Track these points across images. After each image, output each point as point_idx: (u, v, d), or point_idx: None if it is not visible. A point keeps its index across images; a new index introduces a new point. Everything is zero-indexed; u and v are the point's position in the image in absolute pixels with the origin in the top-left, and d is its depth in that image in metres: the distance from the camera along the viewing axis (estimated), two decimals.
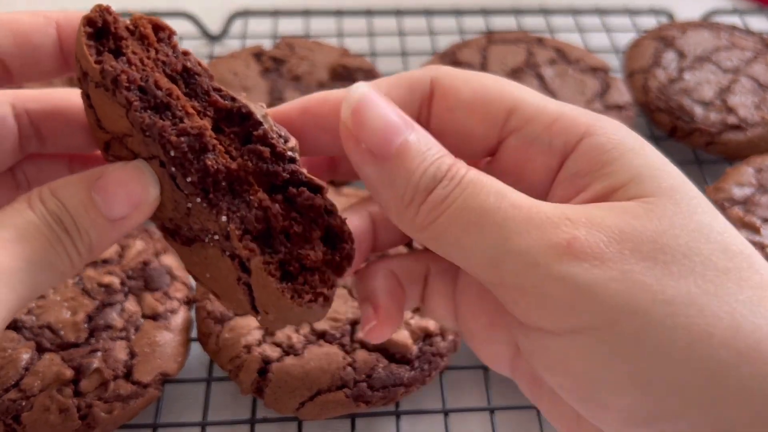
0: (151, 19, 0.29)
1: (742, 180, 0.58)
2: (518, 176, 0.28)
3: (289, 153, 0.27)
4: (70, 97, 0.30)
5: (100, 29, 0.27)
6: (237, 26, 0.80)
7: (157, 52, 0.27)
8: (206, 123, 0.26)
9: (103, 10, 0.27)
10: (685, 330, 0.21)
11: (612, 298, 0.21)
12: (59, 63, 0.29)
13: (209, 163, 0.25)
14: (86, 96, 0.27)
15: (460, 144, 0.28)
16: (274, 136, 0.27)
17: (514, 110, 0.28)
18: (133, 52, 0.27)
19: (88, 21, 0.26)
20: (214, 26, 0.79)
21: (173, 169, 0.26)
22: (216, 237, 0.26)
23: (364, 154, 0.25)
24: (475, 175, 0.25)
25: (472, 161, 0.28)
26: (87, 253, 0.26)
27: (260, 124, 0.27)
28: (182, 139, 0.25)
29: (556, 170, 0.27)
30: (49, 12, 0.28)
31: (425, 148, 0.25)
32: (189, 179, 0.25)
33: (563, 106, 0.28)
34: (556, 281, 0.22)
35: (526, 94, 0.28)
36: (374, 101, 0.25)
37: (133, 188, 0.26)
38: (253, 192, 0.26)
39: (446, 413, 0.46)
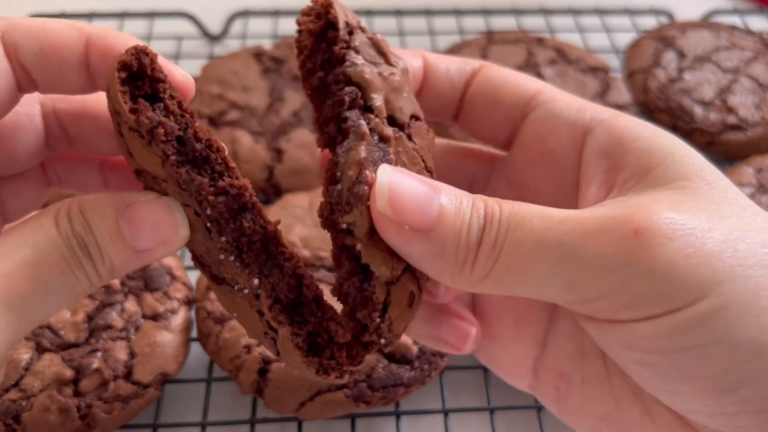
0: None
1: (742, 180, 0.58)
2: (542, 146, 0.29)
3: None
4: (100, 100, 0.29)
5: (136, 71, 0.25)
6: (237, 26, 0.80)
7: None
8: (247, 182, 0.25)
9: (139, 52, 0.25)
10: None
11: (695, 275, 0.22)
12: (85, 81, 0.27)
13: (246, 224, 0.25)
14: (117, 127, 0.25)
15: (491, 116, 0.30)
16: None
17: (540, 91, 0.30)
18: (171, 97, 0.25)
19: (123, 65, 0.24)
20: (214, 26, 0.79)
21: (208, 224, 0.25)
22: (246, 291, 0.26)
23: (409, 235, 0.24)
24: (510, 207, 0.24)
25: (500, 143, 0.31)
26: (108, 276, 0.26)
27: None
28: (220, 198, 0.25)
29: (581, 143, 0.28)
30: (82, 25, 0.27)
31: (458, 202, 0.24)
32: (224, 238, 0.25)
33: (584, 100, 0.30)
34: (640, 275, 0.23)
35: (550, 85, 0.31)
36: (402, 180, 0.24)
37: (162, 226, 0.25)
38: (288, 257, 0.26)
39: (446, 413, 0.46)
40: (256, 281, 0.25)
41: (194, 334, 0.48)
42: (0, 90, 0.26)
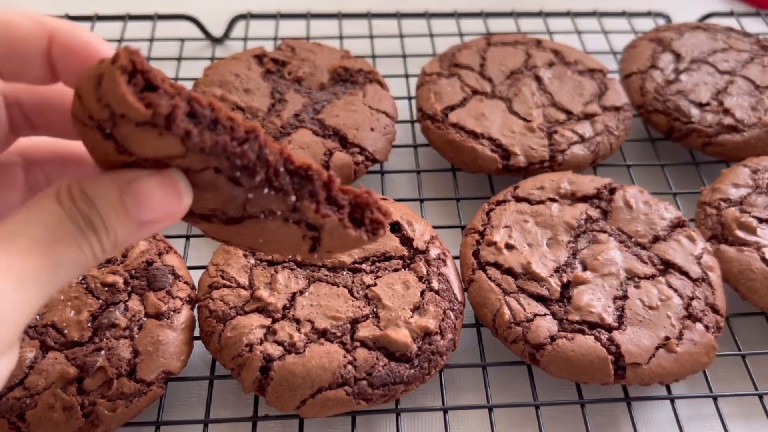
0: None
1: (739, 181, 0.58)
2: None
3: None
4: (62, 89, 0.30)
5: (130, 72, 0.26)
6: (239, 28, 0.80)
7: None
8: (256, 123, 0.28)
9: (131, 53, 0.25)
10: None
11: None
12: (47, 73, 0.29)
13: (271, 159, 0.28)
14: (99, 130, 0.26)
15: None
16: None
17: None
18: (162, 80, 0.26)
19: (123, 69, 0.25)
20: (216, 28, 0.79)
21: (238, 173, 0.27)
22: (278, 213, 0.29)
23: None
24: None
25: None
26: (111, 249, 0.27)
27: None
28: (245, 147, 0.27)
29: None
30: (45, 19, 0.28)
31: None
32: (257, 178, 0.27)
33: None
34: None
35: None
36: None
37: (167, 198, 0.27)
38: (305, 167, 0.29)
39: (446, 411, 0.47)
40: (292, 198, 0.28)
41: (197, 332, 0.48)
42: None
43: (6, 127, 0.31)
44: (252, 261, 0.50)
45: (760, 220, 0.55)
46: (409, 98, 0.71)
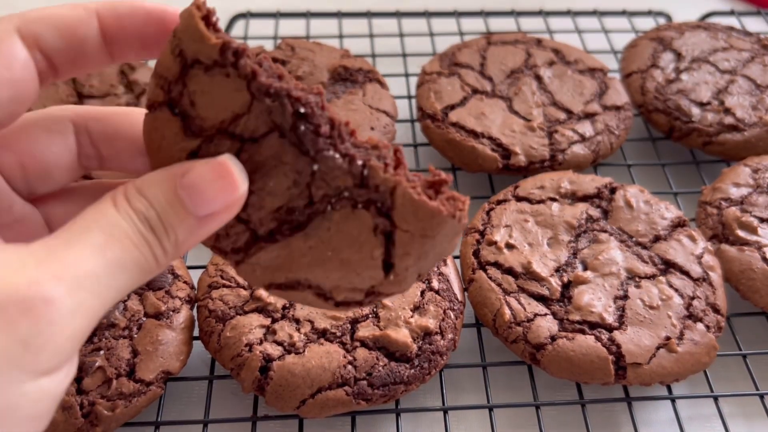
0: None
1: (739, 180, 0.58)
2: None
3: None
4: (133, 120, 0.30)
5: (204, 18, 0.26)
6: (238, 27, 0.80)
7: None
8: (320, 86, 0.27)
9: (207, 7, 0.26)
10: None
11: None
12: (104, 54, 0.28)
13: (334, 116, 0.26)
14: (169, 107, 0.26)
15: None
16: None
17: None
18: (232, 39, 0.26)
19: (199, 9, 0.26)
20: None
21: (303, 127, 0.26)
22: (346, 194, 0.26)
23: None
24: None
25: None
26: (174, 251, 0.25)
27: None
28: (310, 96, 0.26)
29: None
30: (88, 3, 0.27)
31: None
32: (322, 131, 0.26)
33: None
34: None
35: None
36: None
37: (222, 185, 0.25)
38: (376, 144, 0.27)
39: (446, 411, 0.47)
40: (359, 162, 0.26)
41: (196, 332, 0.48)
42: (25, 81, 0.26)
43: (75, 157, 0.30)
44: None
45: (761, 220, 0.55)
46: (409, 97, 0.71)
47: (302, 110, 0.26)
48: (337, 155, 0.26)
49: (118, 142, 0.30)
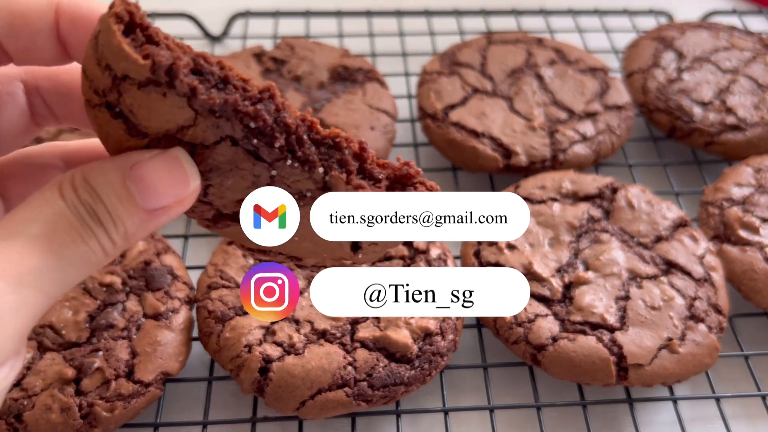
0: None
1: (741, 180, 0.58)
2: None
3: None
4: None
5: (127, 24, 0.24)
6: (238, 27, 0.80)
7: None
8: (271, 83, 0.25)
9: (126, 3, 0.24)
10: None
11: None
12: (58, 51, 0.27)
13: (290, 121, 0.25)
14: (108, 108, 0.25)
15: None
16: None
17: None
18: (165, 38, 0.24)
19: (118, 17, 0.23)
20: (214, 27, 0.79)
21: (255, 141, 0.24)
22: (308, 194, 0.26)
23: None
24: None
25: None
26: (122, 243, 0.25)
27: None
28: (259, 107, 0.24)
29: None
30: None
31: None
32: (277, 144, 0.24)
33: None
34: None
35: None
36: None
37: (172, 181, 0.24)
38: (338, 136, 0.26)
39: (446, 412, 0.47)
40: (321, 170, 0.25)
41: (195, 333, 0.48)
42: None
43: (27, 116, 0.29)
44: (251, 261, 0.49)
45: (763, 220, 0.54)
46: (409, 97, 0.70)
47: (252, 125, 0.24)
48: (296, 164, 0.25)
49: (72, 101, 0.29)
